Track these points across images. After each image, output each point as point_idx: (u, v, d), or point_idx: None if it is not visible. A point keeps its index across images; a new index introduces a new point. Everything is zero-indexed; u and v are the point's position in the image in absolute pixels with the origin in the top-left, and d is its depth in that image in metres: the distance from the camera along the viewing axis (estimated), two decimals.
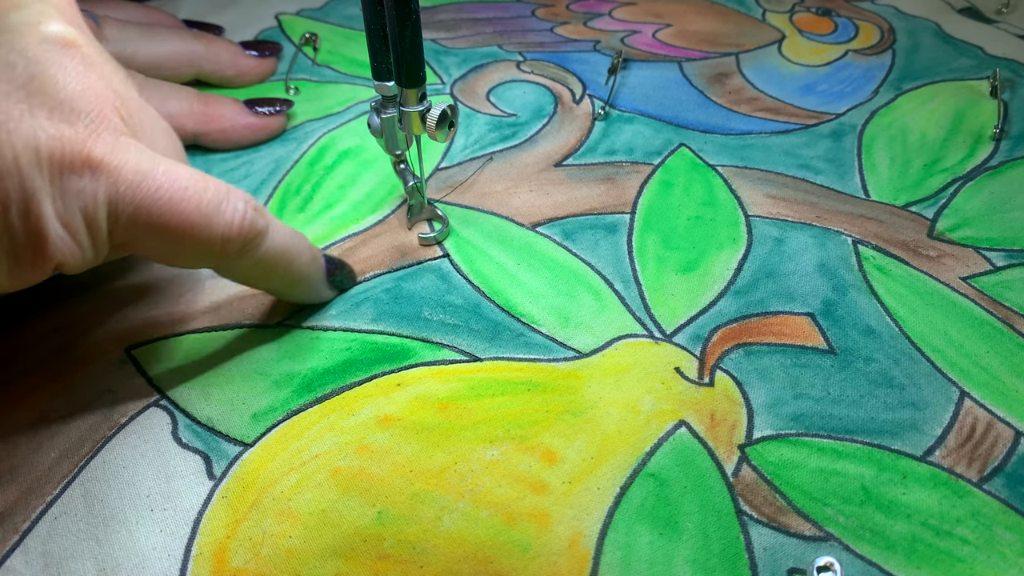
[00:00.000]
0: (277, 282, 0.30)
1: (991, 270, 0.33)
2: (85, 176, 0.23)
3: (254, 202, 0.27)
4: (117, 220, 0.24)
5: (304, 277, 0.30)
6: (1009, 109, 0.42)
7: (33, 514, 0.26)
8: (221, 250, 0.26)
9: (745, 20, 0.51)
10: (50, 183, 0.22)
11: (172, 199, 0.24)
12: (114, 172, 0.23)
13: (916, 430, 0.28)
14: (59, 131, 0.22)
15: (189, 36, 0.42)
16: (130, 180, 0.24)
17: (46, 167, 0.22)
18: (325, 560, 0.24)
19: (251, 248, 0.27)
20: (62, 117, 0.23)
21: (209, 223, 0.25)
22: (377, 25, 0.30)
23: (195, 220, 0.25)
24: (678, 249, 0.34)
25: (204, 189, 0.25)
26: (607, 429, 0.27)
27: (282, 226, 0.28)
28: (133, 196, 0.24)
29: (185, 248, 0.25)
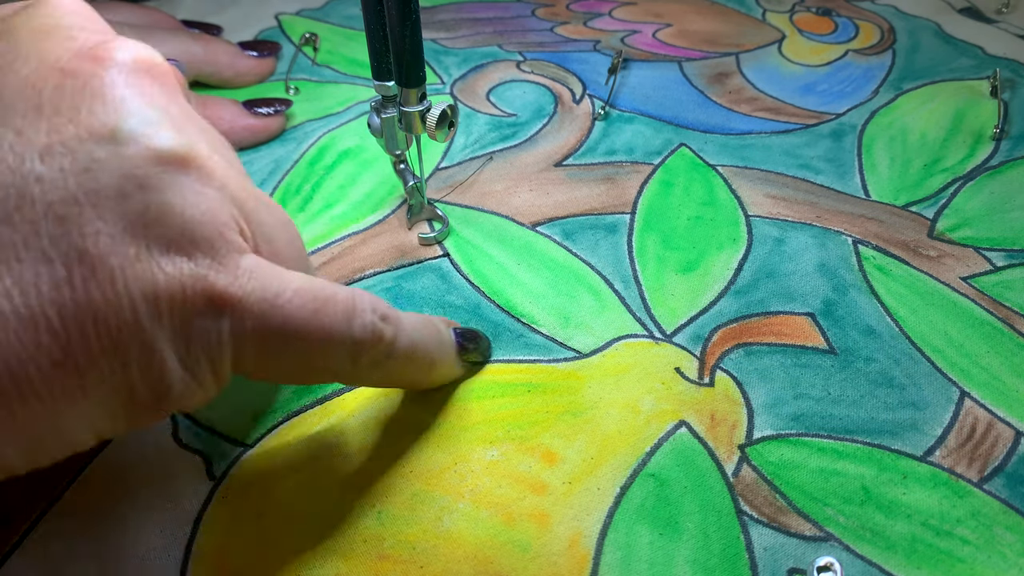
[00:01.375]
0: (409, 380, 0.27)
1: (991, 270, 0.33)
2: (208, 317, 0.20)
3: (382, 308, 0.24)
4: (243, 355, 0.21)
5: (437, 367, 0.28)
6: (1009, 109, 0.42)
7: (33, 515, 0.26)
8: (352, 367, 0.24)
9: (745, 20, 0.51)
10: (171, 330, 0.20)
11: (300, 325, 0.22)
12: (239, 307, 0.21)
13: (916, 430, 0.28)
14: (178, 269, 0.20)
15: (187, 38, 0.42)
16: (257, 313, 0.21)
17: (166, 313, 0.20)
18: (325, 560, 0.24)
19: (380, 359, 0.24)
20: (180, 250, 0.20)
21: (338, 341, 0.23)
22: (377, 25, 0.30)
23: (323, 340, 0.23)
24: (678, 249, 0.34)
25: (333, 304, 0.23)
26: (607, 429, 0.27)
27: (411, 323, 0.26)
28: (259, 327, 0.21)
29: (312, 366, 0.23)
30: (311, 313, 0.22)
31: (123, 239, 0.19)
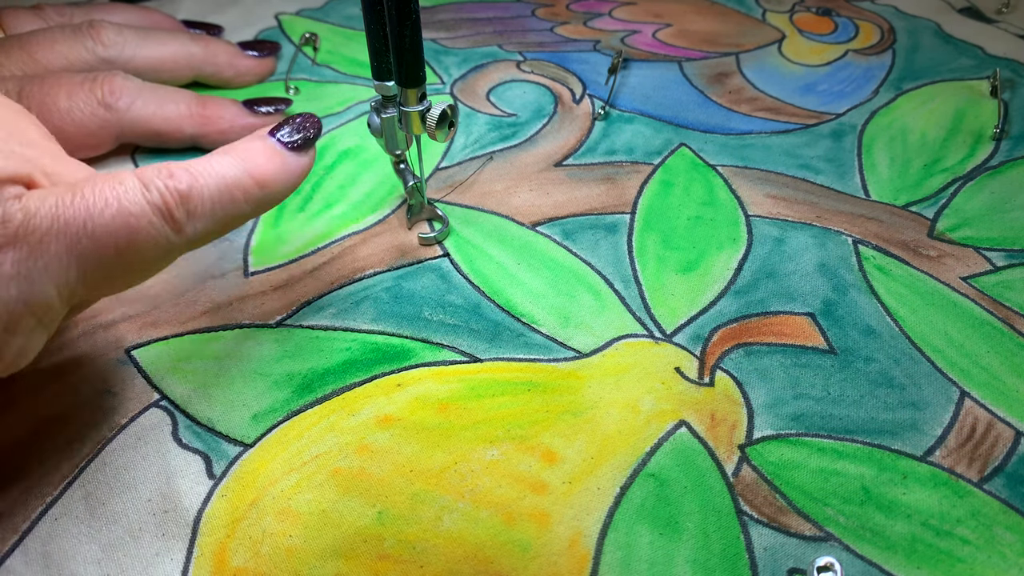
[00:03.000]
0: (256, 208, 0.28)
1: (991, 270, 0.33)
2: (4, 262, 0.21)
3: (167, 167, 0.25)
4: (65, 284, 0.23)
5: (275, 183, 0.28)
6: (1009, 109, 0.42)
7: (33, 514, 0.26)
8: (176, 235, 0.25)
9: (745, 20, 0.51)
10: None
11: (99, 224, 0.23)
12: (33, 238, 0.22)
13: (916, 430, 0.28)
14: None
15: (187, 38, 0.42)
16: (55, 233, 0.22)
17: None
18: (325, 560, 0.24)
19: (198, 213, 0.25)
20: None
21: (142, 216, 0.23)
22: (377, 25, 0.30)
23: (130, 222, 0.23)
24: (678, 249, 0.34)
25: (113, 180, 0.24)
26: (607, 429, 0.27)
27: (209, 159, 0.26)
28: (68, 245, 0.22)
29: (143, 256, 0.24)
30: (103, 207, 0.23)
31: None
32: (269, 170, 0.27)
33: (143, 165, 0.39)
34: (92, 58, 0.39)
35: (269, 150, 0.28)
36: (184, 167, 0.25)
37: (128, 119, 0.37)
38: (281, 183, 0.28)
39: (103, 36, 0.39)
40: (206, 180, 0.25)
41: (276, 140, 0.28)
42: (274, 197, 0.28)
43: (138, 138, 0.39)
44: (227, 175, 0.26)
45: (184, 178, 0.25)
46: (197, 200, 0.25)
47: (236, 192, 0.26)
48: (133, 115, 0.37)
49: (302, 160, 0.29)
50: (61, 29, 0.39)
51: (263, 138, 0.28)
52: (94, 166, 0.38)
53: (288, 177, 0.28)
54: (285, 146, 0.28)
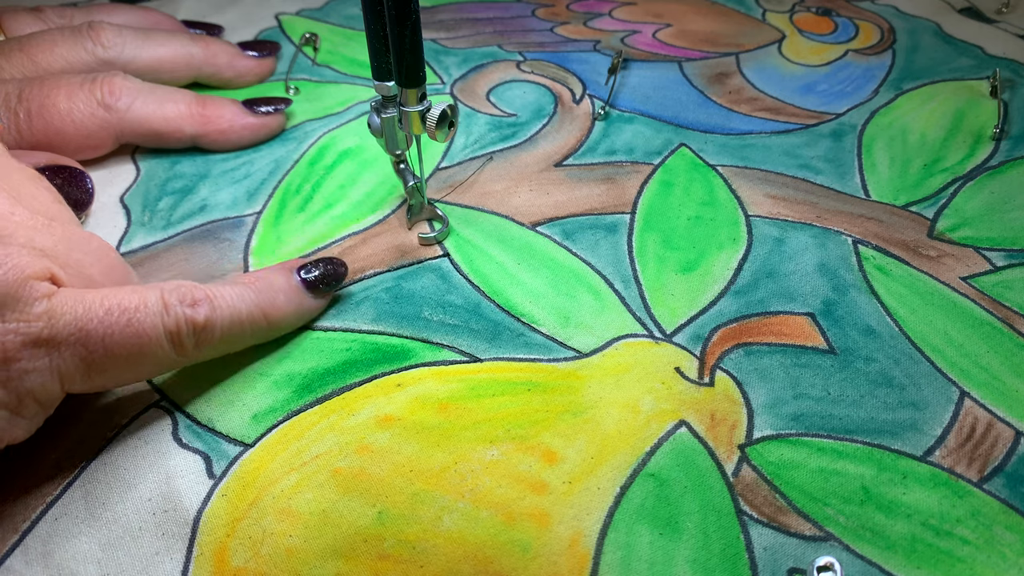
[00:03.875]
0: (253, 340, 0.30)
1: (991, 270, 0.33)
2: (26, 361, 0.23)
3: (192, 295, 0.27)
4: (71, 380, 0.24)
5: (281, 322, 0.30)
6: (1009, 109, 0.42)
7: (33, 514, 0.26)
8: (180, 355, 0.27)
9: (745, 20, 0.51)
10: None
11: (116, 339, 0.25)
12: (54, 342, 0.24)
13: (916, 430, 0.28)
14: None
15: (187, 39, 0.42)
16: (73, 342, 0.24)
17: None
18: (325, 560, 0.24)
19: (206, 339, 0.27)
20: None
21: (155, 341, 0.25)
22: (377, 25, 0.30)
23: (141, 344, 0.25)
24: (678, 249, 0.34)
25: (143, 310, 0.25)
26: (607, 429, 0.27)
27: (229, 297, 0.28)
28: (79, 354, 0.24)
29: (140, 369, 0.26)
30: (124, 325, 0.25)
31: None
32: (283, 311, 0.30)
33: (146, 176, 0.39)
34: (92, 59, 0.39)
35: (291, 290, 0.30)
36: (206, 296, 0.27)
37: (128, 119, 0.37)
38: (290, 324, 0.30)
39: (103, 37, 0.39)
40: (222, 314, 0.27)
41: (300, 280, 0.30)
42: (279, 333, 0.30)
43: (138, 138, 0.39)
44: (242, 312, 0.28)
45: (203, 311, 0.27)
46: (208, 332, 0.27)
47: (245, 326, 0.28)
48: (133, 115, 0.37)
49: (317, 303, 0.31)
50: (61, 31, 0.39)
51: (288, 275, 0.30)
52: (94, 166, 0.38)
53: (298, 320, 0.31)
54: (306, 286, 0.30)
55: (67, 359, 0.24)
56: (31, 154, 0.34)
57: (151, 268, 0.34)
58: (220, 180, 0.38)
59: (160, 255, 0.35)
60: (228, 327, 0.28)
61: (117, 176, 0.39)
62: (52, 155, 0.35)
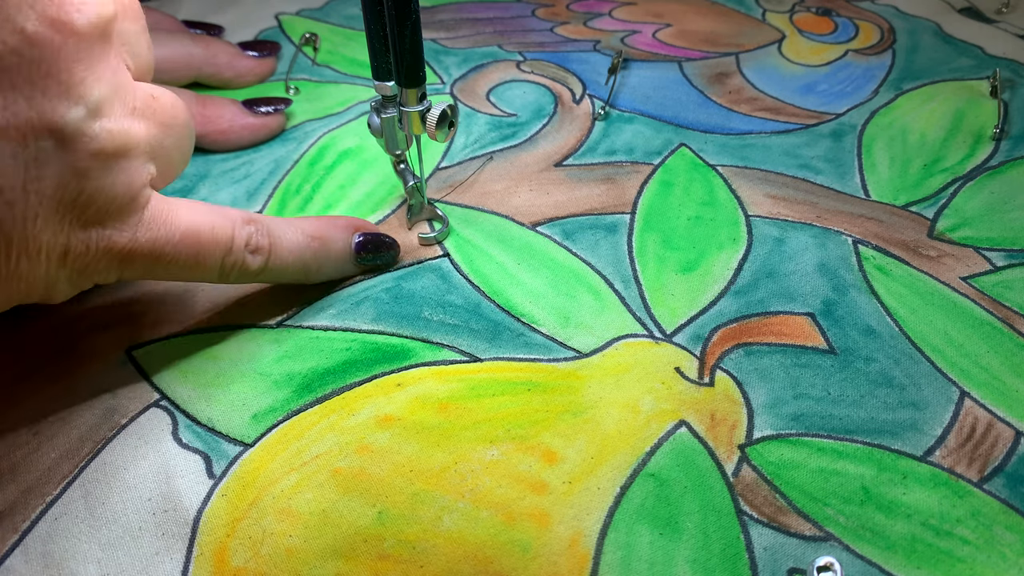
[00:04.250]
0: (285, 282, 0.32)
1: (991, 270, 0.33)
2: (103, 262, 0.25)
3: (256, 241, 0.29)
4: (129, 276, 0.26)
5: (316, 278, 0.32)
6: (1009, 109, 0.42)
7: (33, 514, 0.26)
8: (220, 278, 0.29)
9: (745, 20, 0.51)
10: (71, 271, 0.25)
11: (180, 262, 0.27)
12: (132, 255, 0.25)
13: (916, 430, 0.28)
14: (88, 235, 0.24)
15: (187, 39, 0.42)
16: (146, 256, 0.26)
17: (70, 264, 0.24)
18: (325, 560, 0.24)
19: (248, 277, 0.29)
20: (97, 222, 0.24)
21: (210, 269, 0.28)
22: (377, 25, 0.30)
23: (197, 269, 0.27)
24: (678, 249, 0.34)
25: (213, 245, 0.27)
26: (607, 429, 0.27)
27: (288, 248, 0.30)
28: (146, 265, 0.26)
29: (182, 279, 0.28)
30: (191, 255, 0.27)
31: (53, 219, 0.23)
32: (326, 272, 0.32)
33: None
34: None
35: (342, 255, 0.32)
36: (268, 244, 0.29)
37: None
38: (323, 279, 0.32)
39: None
40: (273, 262, 0.29)
41: (355, 245, 0.32)
42: (310, 283, 0.32)
43: None
44: (290, 265, 0.30)
45: (259, 260, 0.29)
46: (253, 275, 0.29)
47: (287, 275, 0.31)
48: None
49: (356, 270, 0.33)
50: None
51: (347, 238, 0.32)
52: None
53: (336, 276, 0.33)
54: (358, 250, 0.32)
55: (136, 267, 0.26)
56: None
57: None
58: (220, 180, 0.38)
59: None
60: (272, 274, 0.30)
61: None
62: None
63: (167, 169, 0.27)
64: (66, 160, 0.23)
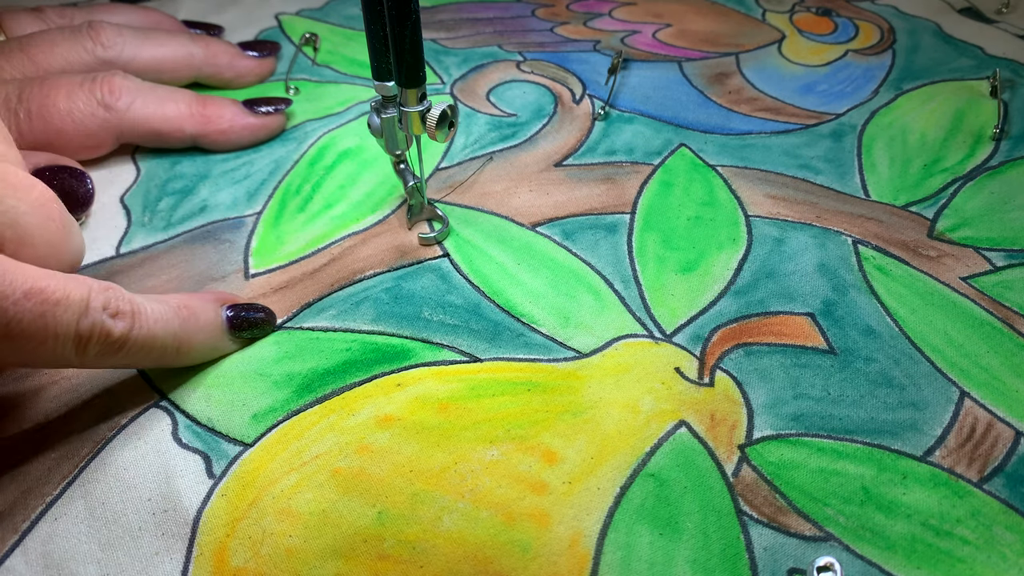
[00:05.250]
0: (154, 363, 0.28)
1: (991, 270, 0.33)
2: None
3: (116, 304, 0.25)
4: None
5: (189, 355, 0.29)
6: (1009, 109, 0.42)
7: (33, 514, 0.26)
8: (79, 358, 0.25)
9: (745, 20, 0.51)
10: None
11: (23, 324, 0.23)
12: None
13: (916, 430, 0.28)
14: None
15: (187, 39, 0.42)
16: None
17: None
18: (325, 560, 0.24)
19: (110, 352, 0.25)
20: None
21: (62, 339, 0.24)
22: (377, 25, 0.30)
23: (47, 338, 0.24)
24: (678, 249, 0.34)
25: (64, 306, 0.24)
26: (607, 429, 0.27)
27: (154, 315, 0.26)
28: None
29: (34, 359, 0.24)
30: (37, 315, 0.23)
31: None
32: (198, 348, 0.29)
33: (144, 173, 0.39)
34: (92, 59, 0.39)
35: (213, 329, 0.29)
36: (131, 310, 0.26)
37: (128, 119, 0.37)
38: (196, 360, 0.29)
39: (103, 37, 0.39)
40: (138, 333, 0.26)
41: (227, 319, 0.29)
42: (179, 365, 0.29)
43: (138, 138, 0.39)
44: (158, 337, 0.27)
45: (121, 326, 0.25)
46: (116, 347, 0.25)
47: (154, 352, 0.27)
48: (133, 115, 0.37)
49: (230, 348, 0.30)
50: (60, 31, 0.39)
51: (217, 312, 0.29)
52: (95, 166, 0.38)
53: (207, 357, 0.29)
54: (231, 327, 0.29)
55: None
56: (32, 154, 0.34)
57: (151, 269, 0.34)
58: (220, 180, 0.39)
59: (160, 256, 0.35)
60: (140, 346, 0.26)
61: (117, 176, 0.39)
62: (52, 155, 0.35)
63: (19, 238, 0.25)
64: None
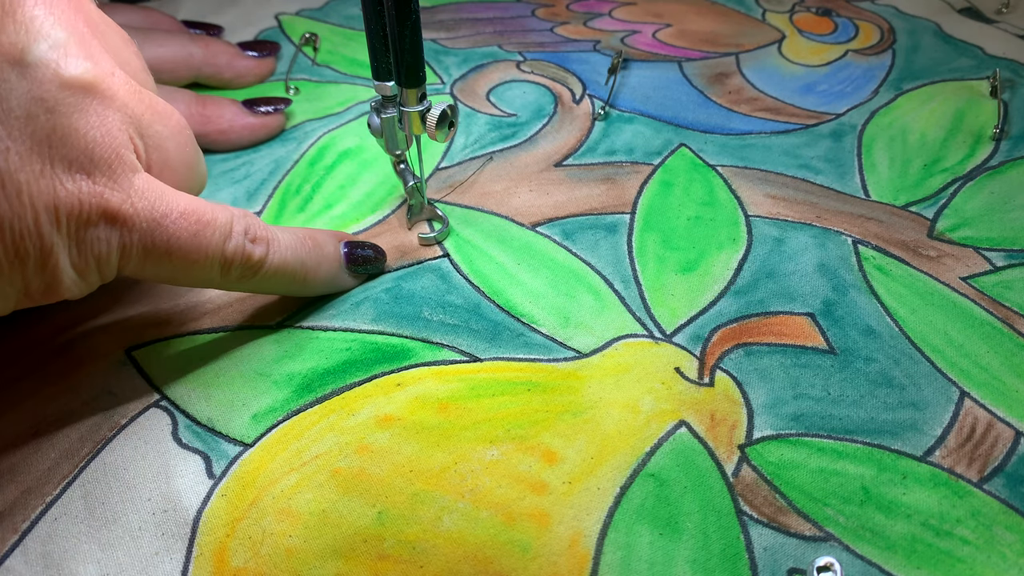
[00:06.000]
0: (284, 289, 0.31)
1: (991, 270, 0.33)
2: (101, 227, 0.23)
3: (255, 230, 0.28)
4: (128, 261, 0.25)
5: (314, 285, 0.31)
6: (1009, 109, 0.42)
7: (33, 514, 0.26)
8: (222, 278, 0.27)
9: (745, 20, 0.51)
10: (67, 237, 0.23)
11: (180, 243, 0.25)
12: (129, 222, 0.24)
13: (916, 430, 0.28)
14: (77, 186, 0.23)
15: (187, 39, 0.42)
16: (144, 228, 0.24)
17: (64, 223, 0.23)
18: (325, 560, 0.24)
19: (249, 274, 0.28)
20: (80, 168, 0.23)
21: (211, 258, 0.26)
22: (377, 25, 0.30)
23: (198, 257, 0.26)
24: (678, 249, 0.34)
25: (212, 227, 0.26)
26: (607, 429, 0.27)
27: (286, 243, 0.29)
28: (145, 241, 0.24)
29: (186, 277, 0.27)
30: (191, 235, 0.25)
31: (30, 157, 0.22)
32: (320, 277, 0.31)
33: None
34: None
35: (334, 261, 0.31)
36: (267, 236, 0.28)
37: None
38: (320, 289, 0.32)
39: None
40: (273, 257, 0.28)
41: (344, 254, 0.32)
42: (308, 294, 0.32)
43: None
44: (289, 262, 0.29)
45: (260, 250, 0.28)
46: (255, 270, 0.28)
47: (287, 276, 0.29)
48: None
49: (350, 282, 0.32)
50: None
51: (337, 245, 0.32)
52: None
53: (328, 289, 0.32)
54: (348, 261, 0.32)
55: (134, 241, 0.24)
56: None
57: None
58: (220, 180, 0.38)
59: None
60: (274, 271, 0.28)
61: None
62: None
63: (163, 161, 0.26)
64: (31, 91, 0.22)
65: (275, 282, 0.29)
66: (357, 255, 0.32)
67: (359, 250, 0.32)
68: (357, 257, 0.32)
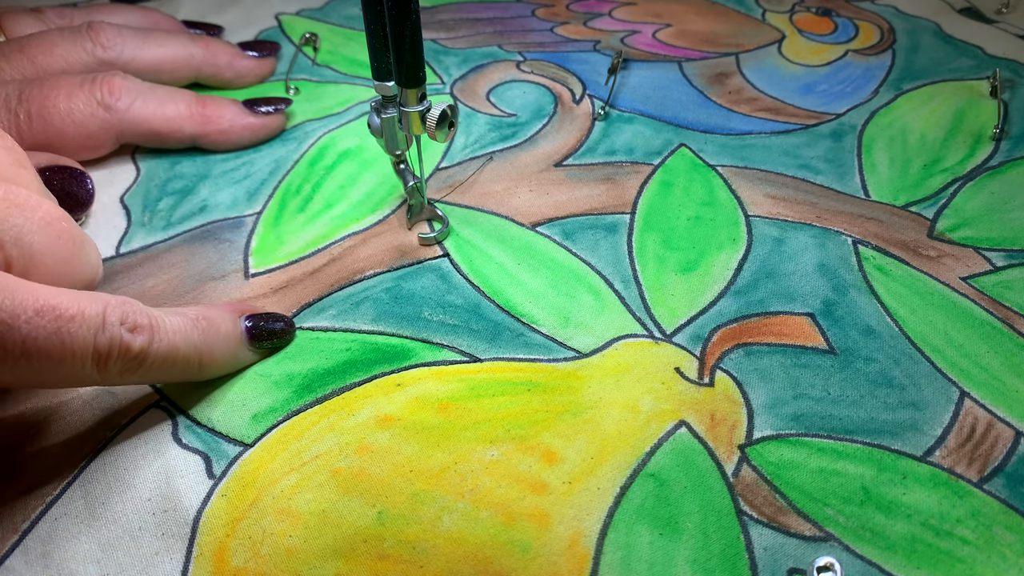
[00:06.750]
0: (176, 378, 0.28)
1: (991, 270, 0.33)
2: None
3: (135, 318, 0.25)
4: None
5: (211, 368, 0.28)
6: (1009, 109, 0.42)
7: (33, 514, 0.26)
8: (100, 375, 0.25)
9: (745, 20, 0.51)
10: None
11: (38, 342, 0.23)
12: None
13: (916, 430, 0.28)
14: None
15: (187, 39, 0.42)
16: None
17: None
18: (325, 560, 0.24)
19: (132, 367, 0.25)
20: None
21: (80, 356, 0.24)
22: (377, 25, 0.30)
23: (63, 355, 0.23)
24: (678, 249, 0.34)
25: (78, 321, 0.23)
26: (607, 429, 0.27)
27: (173, 329, 0.26)
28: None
29: (55, 379, 0.24)
30: (50, 332, 0.23)
31: None
32: (219, 360, 0.28)
33: (146, 175, 0.39)
34: (92, 60, 0.39)
35: (232, 339, 0.28)
36: (149, 323, 0.25)
37: (128, 119, 0.37)
38: (218, 372, 0.29)
39: (102, 38, 0.39)
40: (158, 347, 0.25)
41: (245, 330, 0.29)
42: (203, 378, 0.29)
43: (138, 138, 0.39)
44: (179, 350, 0.26)
45: (141, 340, 0.25)
46: (137, 363, 0.25)
47: (177, 366, 0.27)
48: (133, 115, 0.38)
49: (253, 358, 0.30)
50: (60, 31, 0.39)
51: (235, 322, 0.29)
52: (95, 166, 0.38)
53: (229, 369, 0.29)
54: (250, 337, 0.29)
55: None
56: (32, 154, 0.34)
57: (151, 268, 0.34)
58: (220, 180, 0.39)
59: (160, 256, 0.35)
60: (162, 360, 0.26)
61: (117, 176, 0.39)
62: (52, 155, 0.35)
63: (26, 256, 0.25)
64: None
65: (165, 372, 0.26)
66: (262, 330, 0.29)
67: (265, 323, 0.29)
68: (262, 332, 0.29)
